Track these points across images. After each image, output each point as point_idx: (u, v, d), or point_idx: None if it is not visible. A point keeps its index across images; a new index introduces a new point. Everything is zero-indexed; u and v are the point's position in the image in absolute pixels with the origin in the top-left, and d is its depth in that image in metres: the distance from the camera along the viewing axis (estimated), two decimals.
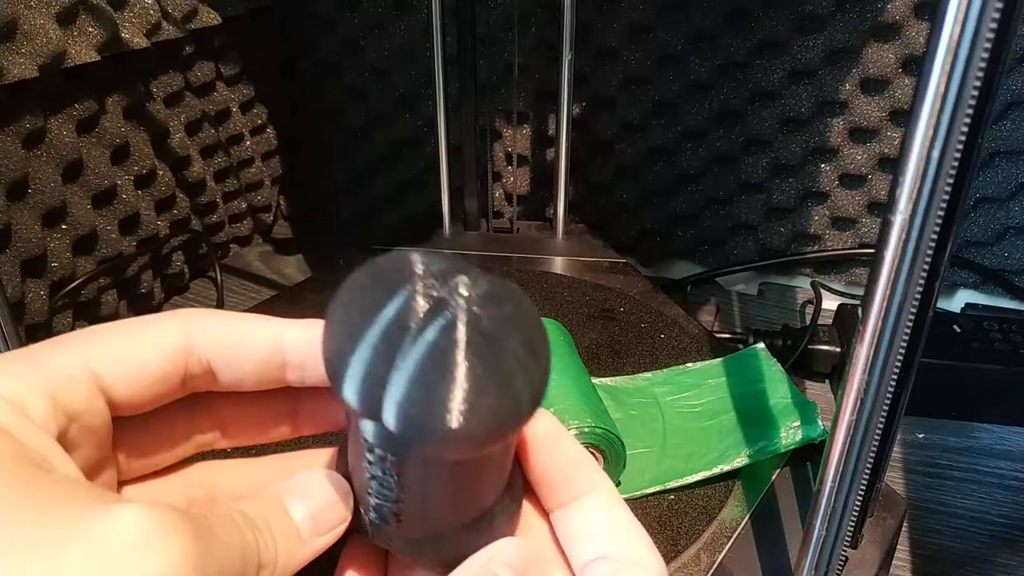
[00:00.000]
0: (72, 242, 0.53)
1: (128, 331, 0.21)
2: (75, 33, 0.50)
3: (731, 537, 0.36)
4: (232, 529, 0.18)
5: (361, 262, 0.20)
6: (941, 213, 0.23)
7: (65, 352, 0.20)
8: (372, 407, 0.18)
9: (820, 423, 0.39)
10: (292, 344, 0.22)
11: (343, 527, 0.22)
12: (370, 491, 0.21)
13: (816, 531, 0.30)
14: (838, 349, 0.56)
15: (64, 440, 0.19)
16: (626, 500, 0.24)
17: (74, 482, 0.18)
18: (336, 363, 0.19)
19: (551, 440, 0.23)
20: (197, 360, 0.21)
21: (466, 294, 0.19)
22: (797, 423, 0.40)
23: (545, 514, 0.23)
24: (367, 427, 0.20)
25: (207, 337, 0.22)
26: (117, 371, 0.20)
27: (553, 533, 0.23)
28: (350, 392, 0.19)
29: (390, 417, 0.18)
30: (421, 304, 0.19)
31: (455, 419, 0.18)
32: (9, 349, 0.35)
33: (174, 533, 0.16)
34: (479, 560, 0.21)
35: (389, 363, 0.18)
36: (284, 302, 0.60)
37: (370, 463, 0.20)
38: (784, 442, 0.39)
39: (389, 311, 0.19)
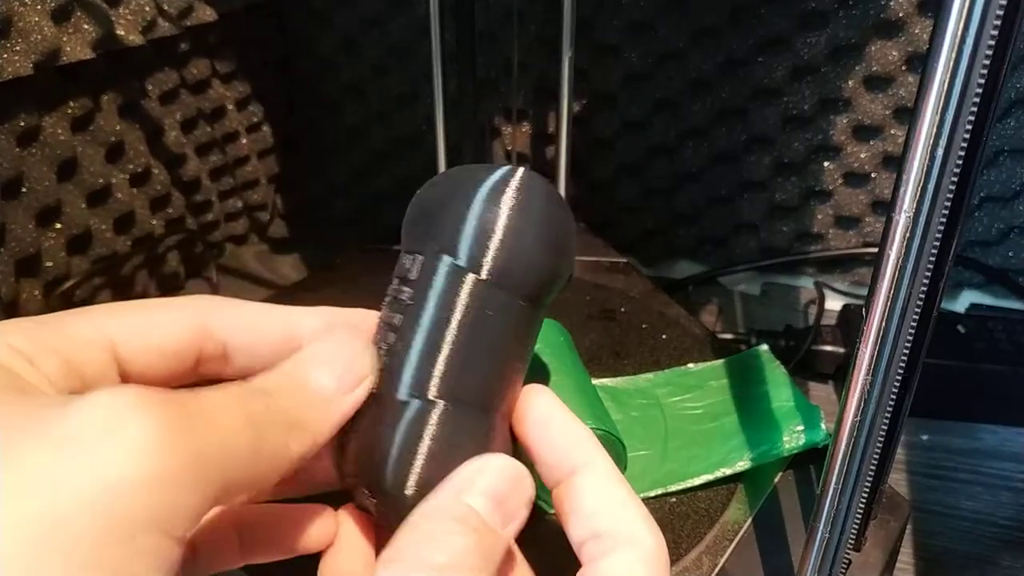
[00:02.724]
0: (66, 241, 0.53)
1: (149, 308, 0.21)
2: (70, 30, 0.49)
3: (733, 540, 0.36)
4: (229, 401, 0.18)
5: (359, 262, 0.21)
6: (945, 212, 0.23)
7: (85, 320, 0.20)
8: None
9: (823, 427, 0.39)
10: (310, 332, 0.23)
11: (371, 379, 0.21)
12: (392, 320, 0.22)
13: (819, 534, 0.30)
14: (842, 350, 0.55)
15: None
16: None
17: (49, 396, 0.17)
18: (423, 211, 0.23)
19: (547, 415, 0.23)
20: (213, 342, 0.22)
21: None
22: (800, 427, 0.39)
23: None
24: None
25: (226, 319, 0.22)
26: (135, 343, 0.20)
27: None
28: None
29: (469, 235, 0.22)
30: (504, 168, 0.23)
31: (527, 245, 0.22)
32: None
33: (141, 412, 0.15)
34: (453, 487, 0.20)
35: (462, 202, 0.22)
36: (281, 302, 0.60)
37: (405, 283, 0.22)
38: (787, 446, 0.38)
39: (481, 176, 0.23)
